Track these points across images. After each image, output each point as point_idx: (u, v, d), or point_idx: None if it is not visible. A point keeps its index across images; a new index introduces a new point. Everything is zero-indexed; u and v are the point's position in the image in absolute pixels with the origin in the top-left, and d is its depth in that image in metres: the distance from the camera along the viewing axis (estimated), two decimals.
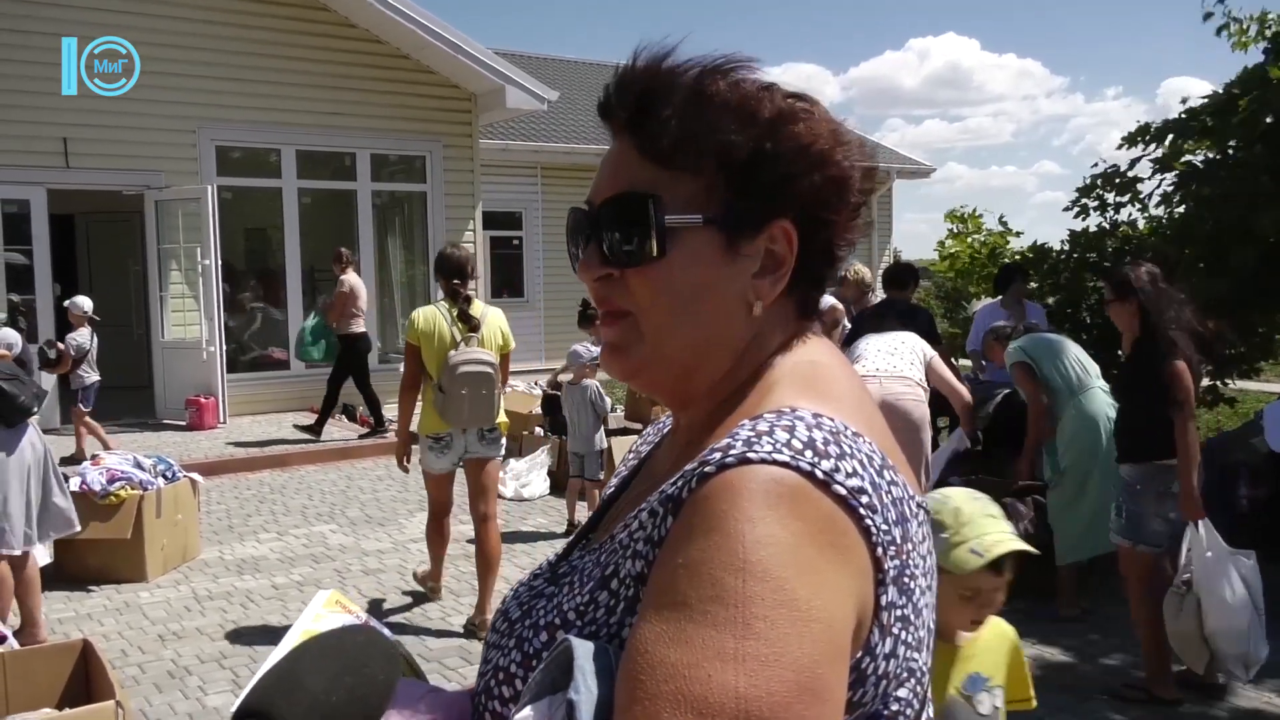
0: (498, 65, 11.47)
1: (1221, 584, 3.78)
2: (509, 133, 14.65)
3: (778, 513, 0.69)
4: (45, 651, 3.52)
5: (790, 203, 0.85)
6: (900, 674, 0.76)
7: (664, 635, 0.66)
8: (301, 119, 10.89)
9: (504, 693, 0.82)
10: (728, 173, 0.84)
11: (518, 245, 15.63)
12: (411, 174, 11.99)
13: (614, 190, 0.86)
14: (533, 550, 6.27)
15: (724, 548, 0.67)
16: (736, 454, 0.72)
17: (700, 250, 0.84)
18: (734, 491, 0.70)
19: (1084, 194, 7.88)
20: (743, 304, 0.86)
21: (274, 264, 11.73)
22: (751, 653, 0.63)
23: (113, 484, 5.61)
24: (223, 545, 6.38)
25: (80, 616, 5.13)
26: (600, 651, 0.72)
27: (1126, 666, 4.44)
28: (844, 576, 0.70)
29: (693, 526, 0.70)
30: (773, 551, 0.67)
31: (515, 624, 0.87)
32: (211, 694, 4.20)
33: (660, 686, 0.63)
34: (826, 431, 0.75)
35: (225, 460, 8.56)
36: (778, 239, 0.85)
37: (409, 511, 7.16)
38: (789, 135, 0.85)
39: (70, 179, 9.79)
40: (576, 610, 0.81)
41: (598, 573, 0.82)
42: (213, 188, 10.04)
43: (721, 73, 0.87)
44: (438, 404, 4.83)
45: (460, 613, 5.15)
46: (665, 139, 0.84)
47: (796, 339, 0.89)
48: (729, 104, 0.85)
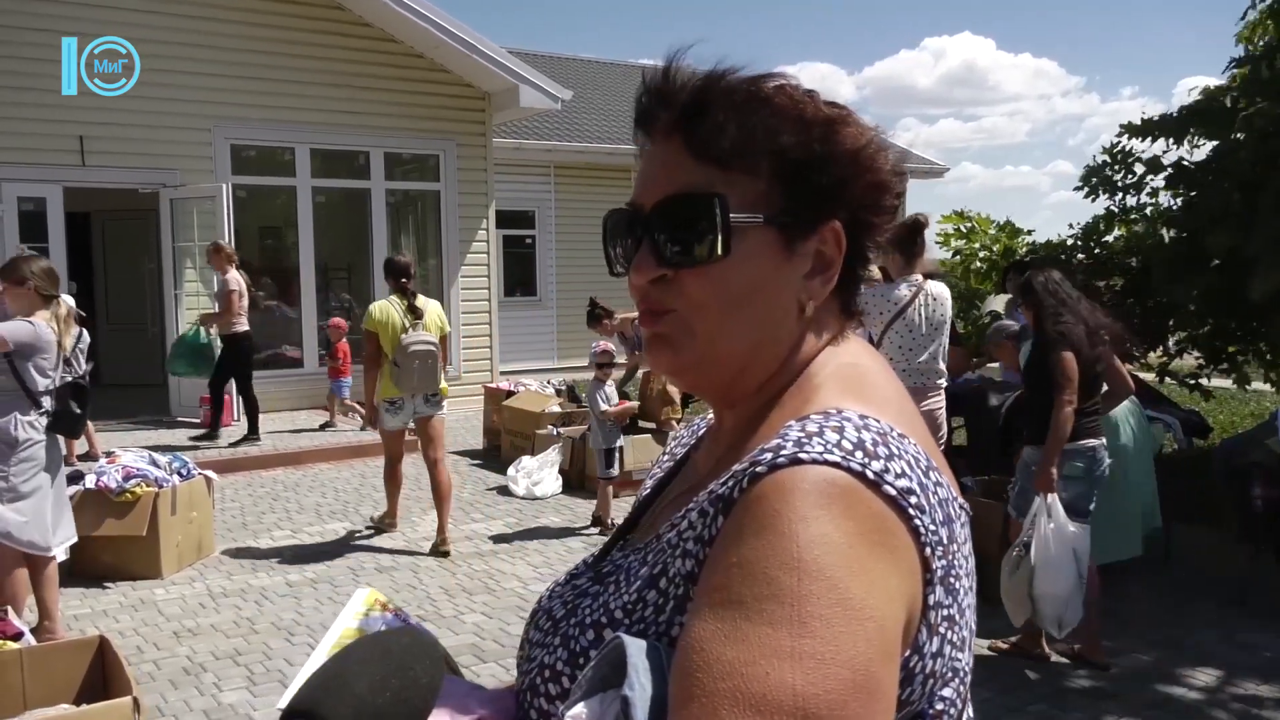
0: (511, 64, 11.49)
1: (1055, 553, 4.17)
2: (522, 132, 14.67)
3: (830, 512, 0.70)
4: (62, 648, 3.55)
5: (841, 205, 0.87)
6: (945, 673, 0.77)
7: (720, 633, 0.66)
8: (316, 118, 10.93)
9: (550, 690, 0.83)
10: (784, 175, 0.85)
11: (531, 244, 15.65)
12: (425, 173, 12.02)
13: (670, 190, 0.86)
14: (545, 549, 6.29)
15: (778, 547, 0.68)
16: (788, 454, 0.73)
17: (759, 250, 0.85)
18: (786, 491, 0.71)
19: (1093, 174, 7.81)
20: (795, 304, 0.87)
21: (288, 262, 11.77)
22: (808, 651, 0.64)
23: (128, 481, 5.65)
24: (237, 542, 6.41)
25: (96, 613, 5.17)
26: (652, 649, 0.73)
27: (1141, 665, 4.44)
28: (894, 576, 0.71)
29: (745, 526, 0.71)
30: (826, 550, 0.68)
31: (560, 622, 0.88)
32: (226, 690, 4.23)
33: (717, 684, 0.64)
34: (874, 433, 0.76)
35: (239, 458, 8.60)
36: (828, 240, 0.87)
37: (421, 510, 7.19)
38: (841, 139, 0.87)
39: (87, 177, 9.85)
40: (624, 609, 0.82)
41: (645, 572, 0.83)
42: (227, 186, 10.09)
43: (766, 78, 0.89)
44: (393, 376, 6.13)
45: (470, 615, 5.17)
46: (724, 140, 0.85)
47: (839, 338, 0.91)
48: (782, 107, 0.86)
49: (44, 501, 4.53)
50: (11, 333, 4.34)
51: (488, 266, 12.24)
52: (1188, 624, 4.96)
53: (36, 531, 4.49)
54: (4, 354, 4.34)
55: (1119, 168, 7.65)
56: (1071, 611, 4.22)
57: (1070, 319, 4.36)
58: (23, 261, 4.55)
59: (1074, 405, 4.27)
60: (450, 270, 11.94)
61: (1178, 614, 5.10)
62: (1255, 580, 5.24)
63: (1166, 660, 4.53)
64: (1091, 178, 7.74)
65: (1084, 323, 4.38)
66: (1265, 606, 5.14)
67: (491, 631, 4.89)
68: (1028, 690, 4.26)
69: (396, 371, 6.09)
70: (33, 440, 4.45)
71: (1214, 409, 10.54)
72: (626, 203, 0.91)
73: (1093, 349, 4.36)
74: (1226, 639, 4.77)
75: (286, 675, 4.38)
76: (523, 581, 5.64)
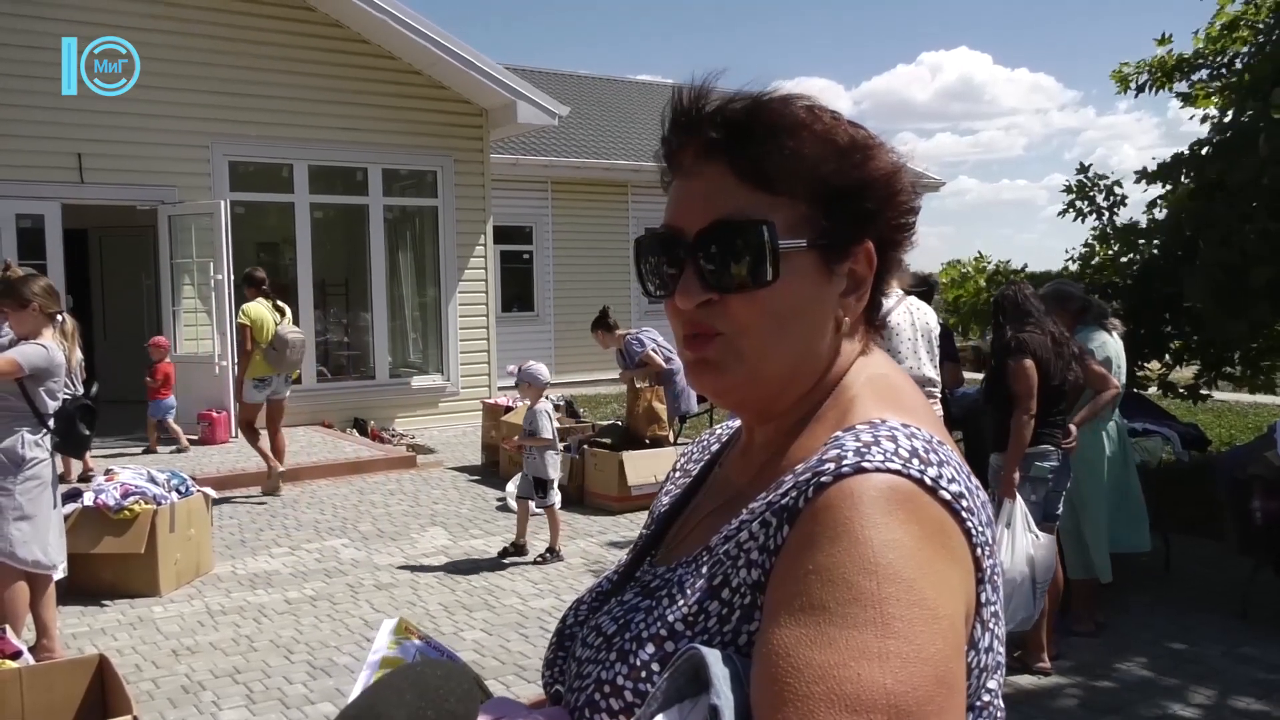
0: (509, 81, 11.53)
1: (1008, 555, 4.19)
2: (519, 148, 14.71)
3: (898, 518, 0.73)
4: (62, 666, 3.53)
5: (873, 227, 0.90)
6: (992, 666, 0.81)
7: (805, 638, 0.69)
8: (314, 134, 10.95)
9: (612, 705, 0.84)
10: (824, 199, 0.88)
11: (528, 260, 15.67)
12: (423, 189, 12.04)
13: (715, 216, 0.88)
14: (544, 566, 6.26)
15: (853, 552, 0.71)
16: (851, 463, 0.76)
17: (802, 273, 0.88)
18: (855, 499, 0.74)
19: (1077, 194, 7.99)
20: (832, 322, 0.91)
21: (286, 279, 11.79)
22: (894, 650, 0.67)
23: (126, 498, 5.63)
24: (235, 560, 6.39)
25: (94, 631, 5.15)
26: (727, 659, 0.74)
27: (1139, 680, 4.43)
28: (956, 575, 0.75)
29: (817, 534, 0.74)
30: (899, 554, 0.71)
31: (613, 638, 0.88)
32: (226, 709, 4.20)
33: (811, 688, 0.66)
34: (922, 441, 0.80)
35: (237, 474, 8.58)
36: (861, 260, 0.90)
37: (421, 526, 7.17)
38: (875, 165, 0.90)
39: (84, 194, 9.86)
40: (684, 621, 0.83)
41: (703, 584, 0.84)
42: (225, 202, 10.09)
43: (798, 100, 0.91)
44: (269, 358, 7.99)
45: (470, 631, 5.16)
46: (771, 165, 0.87)
47: (865, 351, 0.94)
48: (820, 133, 0.89)
49: (48, 520, 4.53)
50: (26, 358, 4.33)
51: (485, 282, 12.25)
52: (1189, 637, 4.95)
53: (40, 549, 4.48)
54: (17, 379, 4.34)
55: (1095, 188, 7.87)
56: (1016, 612, 4.24)
57: (1033, 328, 4.46)
58: (22, 283, 4.53)
59: (1033, 413, 4.35)
60: (448, 286, 11.95)
61: (1179, 627, 5.09)
62: (1256, 593, 5.23)
63: (1168, 674, 4.52)
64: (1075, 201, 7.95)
65: (1048, 333, 4.46)
66: (1266, 619, 5.13)
67: (491, 648, 4.87)
68: (1030, 704, 4.25)
69: (273, 354, 7.97)
70: (39, 459, 4.45)
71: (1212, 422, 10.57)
72: (662, 225, 0.92)
73: (1058, 355, 4.43)
74: (1228, 653, 4.76)
75: (286, 694, 4.36)
76: (522, 598, 5.63)
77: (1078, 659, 4.68)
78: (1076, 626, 4.96)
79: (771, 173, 0.87)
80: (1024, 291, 4.65)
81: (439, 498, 8.15)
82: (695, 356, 0.91)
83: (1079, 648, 4.80)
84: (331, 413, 11.22)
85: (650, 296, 0.95)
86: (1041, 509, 4.46)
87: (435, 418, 11.69)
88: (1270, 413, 11.44)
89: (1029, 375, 4.34)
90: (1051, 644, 4.62)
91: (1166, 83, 8.19)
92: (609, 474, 7.75)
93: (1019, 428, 4.35)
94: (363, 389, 11.71)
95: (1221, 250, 6.43)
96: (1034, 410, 4.34)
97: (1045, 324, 4.52)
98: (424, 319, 12.37)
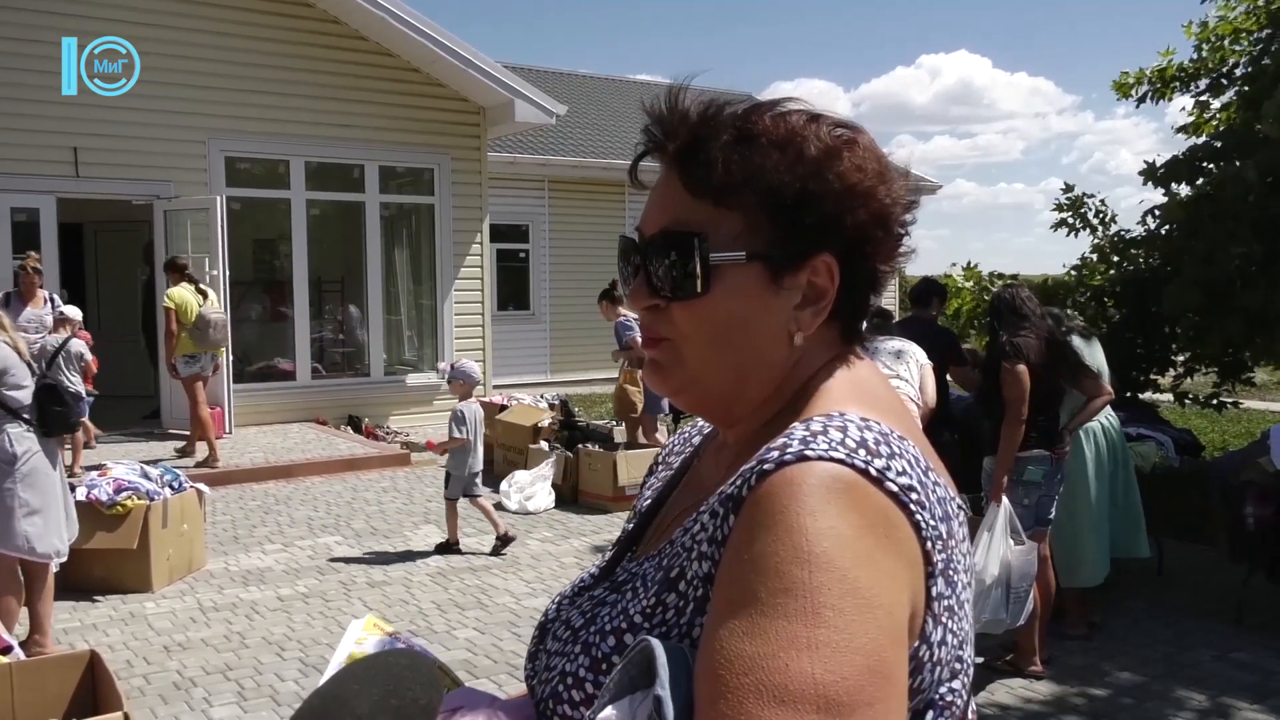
0: (507, 79, 11.51)
1: (984, 558, 4.22)
2: (516, 146, 14.69)
3: (837, 506, 0.73)
4: (53, 662, 3.51)
5: (833, 238, 0.87)
6: (952, 663, 0.80)
7: (738, 629, 0.69)
8: (311, 130, 10.93)
9: (574, 696, 0.85)
10: (773, 210, 0.86)
11: (524, 258, 15.65)
12: (420, 186, 12.02)
13: (661, 224, 0.89)
14: (538, 564, 6.26)
15: (787, 541, 0.71)
16: (794, 451, 0.76)
17: (743, 285, 0.86)
18: (794, 486, 0.74)
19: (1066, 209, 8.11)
20: (784, 334, 0.88)
21: (282, 275, 11.76)
22: (823, 640, 0.67)
23: (119, 494, 5.62)
24: (228, 556, 6.38)
25: (85, 626, 5.13)
26: (677, 651, 0.75)
27: (1133, 685, 4.43)
28: (899, 567, 0.74)
29: (755, 522, 0.74)
30: (835, 543, 0.70)
31: (580, 631, 0.89)
32: (217, 706, 4.19)
33: (740, 679, 0.66)
34: (876, 433, 0.79)
35: (230, 471, 8.56)
36: (820, 272, 0.87)
37: (414, 524, 7.16)
38: (835, 174, 0.86)
39: (80, 188, 9.83)
40: (643, 613, 0.84)
41: (661, 576, 0.85)
42: (221, 198, 10.06)
43: (768, 108, 0.89)
44: (195, 338, 8.61)
45: (462, 630, 5.15)
46: (713, 177, 0.86)
47: (839, 362, 0.91)
48: (775, 141, 0.87)
49: (58, 507, 4.55)
50: None
51: (481, 280, 12.24)
52: (1183, 642, 4.96)
53: (58, 538, 4.54)
54: None
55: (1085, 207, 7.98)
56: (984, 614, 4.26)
57: (1027, 332, 4.45)
58: None
59: (1024, 418, 4.34)
60: (444, 284, 11.93)
61: (1172, 631, 5.09)
62: (1249, 598, 5.23)
63: (1161, 679, 4.52)
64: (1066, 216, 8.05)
65: (1043, 337, 4.46)
66: (1259, 625, 5.14)
67: (484, 647, 4.87)
68: (1022, 708, 4.25)
69: (198, 334, 8.61)
70: (31, 451, 4.44)
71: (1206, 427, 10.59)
72: (634, 228, 0.93)
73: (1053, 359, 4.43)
74: (1221, 658, 4.77)
75: (278, 690, 4.34)
76: (515, 597, 5.62)
77: (1070, 663, 4.68)
78: (1069, 630, 4.97)
79: (715, 184, 0.86)
80: (1020, 294, 4.64)
81: (433, 495, 8.13)
82: (649, 355, 0.93)
83: (1072, 651, 4.80)
84: (326, 410, 11.20)
85: (626, 295, 0.96)
86: (1034, 513, 4.46)
87: (430, 415, 11.66)
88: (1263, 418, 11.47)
89: (1021, 380, 4.33)
90: (1044, 648, 4.62)
91: (1166, 92, 8.24)
92: (603, 473, 7.75)
93: (1010, 433, 4.34)
94: (357, 386, 11.69)
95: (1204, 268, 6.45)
96: (1025, 415, 4.33)
97: (1041, 327, 4.51)
98: (419, 317, 12.34)
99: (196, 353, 8.69)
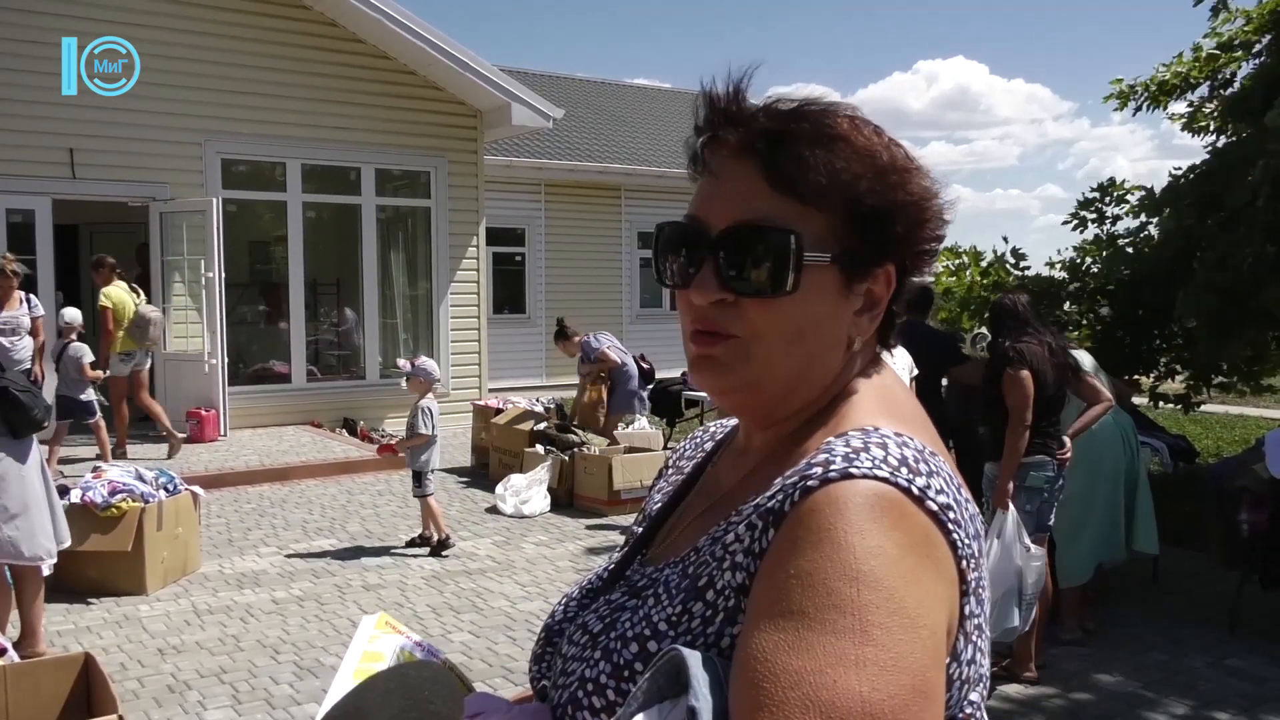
0: (504, 83, 11.52)
1: (994, 565, 4.19)
2: (513, 150, 14.69)
3: (882, 525, 0.73)
4: (47, 665, 3.50)
5: (901, 251, 0.89)
6: (974, 679, 0.80)
7: (783, 644, 0.68)
8: (307, 133, 10.92)
9: (594, 703, 0.84)
10: (856, 218, 0.87)
11: (520, 262, 15.64)
12: (416, 189, 12.02)
13: (742, 217, 0.86)
14: (533, 568, 6.26)
15: (835, 558, 0.71)
16: (838, 469, 0.76)
17: (822, 287, 0.87)
18: (840, 504, 0.74)
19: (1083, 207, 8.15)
20: (844, 338, 0.90)
21: (277, 277, 11.75)
22: (871, 658, 0.67)
23: (114, 496, 5.60)
24: (222, 559, 6.36)
25: (79, 629, 5.12)
26: (708, 661, 0.74)
27: (1126, 691, 4.44)
28: (939, 586, 0.74)
29: (801, 538, 0.74)
30: (882, 562, 0.71)
31: (599, 636, 0.89)
32: (211, 709, 4.18)
33: (786, 693, 0.66)
34: (913, 450, 0.79)
35: (225, 473, 8.55)
36: (880, 281, 0.90)
37: (409, 527, 7.15)
38: (911, 189, 0.89)
39: (76, 189, 9.81)
40: (668, 621, 0.83)
41: (688, 584, 0.84)
42: (218, 200, 10.05)
43: (840, 110, 0.90)
44: (132, 334, 8.85)
45: (457, 634, 5.14)
46: (806, 176, 0.85)
47: (871, 371, 0.93)
48: (858, 150, 0.87)
49: (41, 507, 4.48)
50: None
51: (477, 284, 12.23)
52: (1176, 648, 4.96)
53: (45, 538, 4.48)
54: None
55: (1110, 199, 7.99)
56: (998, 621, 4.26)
57: (1030, 339, 4.45)
58: None
59: (1028, 424, 4.33)
60: (440, 287, 11.93)
61: (1166, 638, 5.10)
62: (1243, 605, 5.24)
63: (1153, 685, 4.53)
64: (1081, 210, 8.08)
65: (1045, 343, 4.46)
66: (1253, 633, 5.15)
67: (479, 650, 4.86)
68: (1016, 714, 4.25)
69: (136, 331, 8.85)
70: None
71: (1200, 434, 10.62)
72: (685, 216, 0.91)
73: (1053, 365, 4.43)
74: (1215, 664, 4.78)
75: (272, 694, 4.34)
76: (510, 601, 5.61)
77: (1065, 669, 4.69)
78: (1063, 634, 4.98)
79: (805, 183, 0.85)
80: (1021, 300, 4.63)
81: None
82: (701, 352, 0.90)
83: (1065, 657, 4.81)
84: (321, 412, 11.19)
85: (663, 284, 0.93)
86: (1035, 519, 4.46)
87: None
88: (1257, 424, 11.49)
89: (1025, 387, 4.32)
90: (1039, 653, 4.62)
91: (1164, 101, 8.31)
92: (598, 477, 7.75)
93: (1014, 439, 4.34)
94: (353, 389, 11.68)
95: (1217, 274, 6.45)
96: (1029, 421, 4.33)
97: (1043, 334, 4.52)
98: (415, 320, 12.33)
99: (133, 349, 8.96)
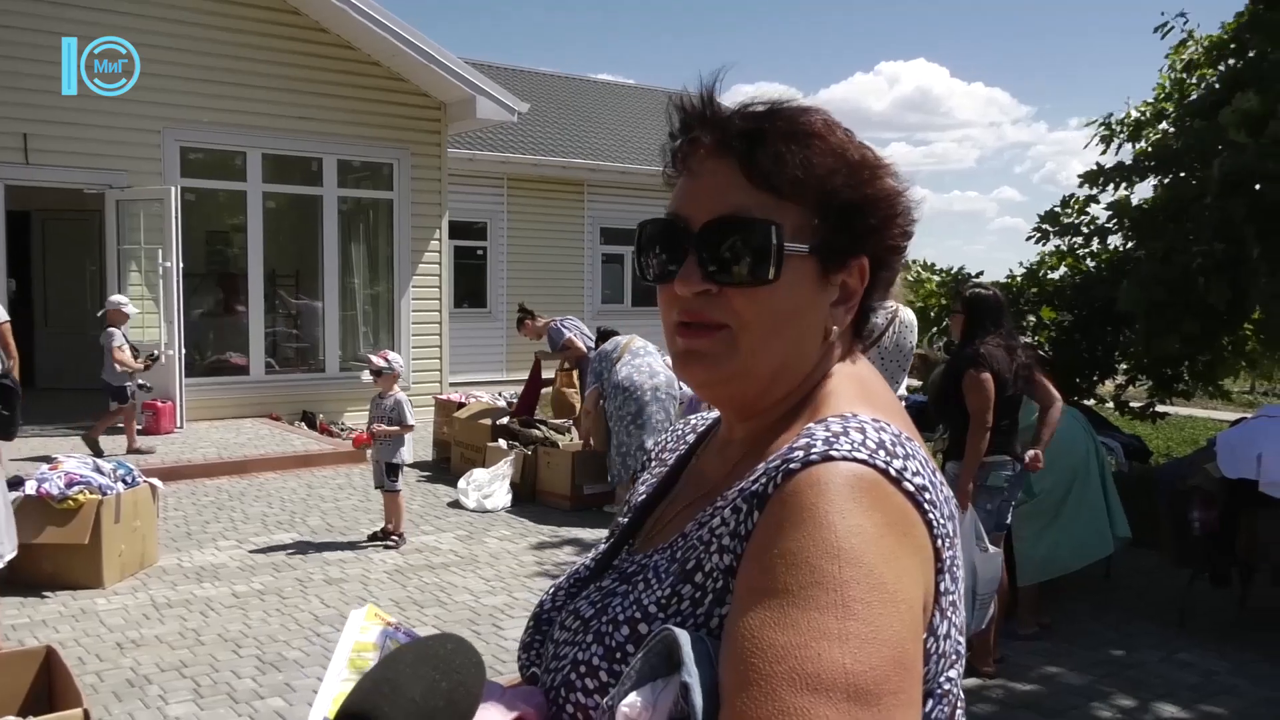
0: (469, 75, 11.46)
1: None
2: (476, 143, 14.62)
3: (861, 505, 0.76)
4: (8, 658, 3.45)
5: (873, 244, 0.93)
6: (951, 655, 0.84)
7: (769, 620, 0.72)
8: (269, 122, 10.79)
9: (587, 684, 0.87)
10: (830, 211, 0.91)
11: (482, 256, 15.57)
12: (378, 181, 11.92)
13: (723, 210, 0.90)
14: (496, 562, 6.25)
15: (817, 537, 0.74)
16: (819, 451, 0.80)
17: (800, 277, 0.90)
18: (821, 485, 0.77)
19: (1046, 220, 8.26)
20: (822, 329, 0.94)
21: (236, 268, 11.60)
22: (853, 632, 0.70)
23: (71, 488, 5.52)
24: (181, 552, 6.29)
25: (34, 623, 5.03)
26: (698, 640, 0.77)
27: (1081, 684, 4.53)
28: (916, 563, 0.78)
29: (784, 519, 0.77)
30: (862, 540, 0.74)
31: (590, 621, 0.92)
32: (172, 703, 4.14)
33: (773, 667, 0.69)
34: (890, 435, 0.83)
35: (183, 466, 8.44)
36: (854, 273, 0.94)
37: (371, 521, 7.10)
38: (881, 185, 0.93)
39: (30, 176, 9.63)
40: (658, 604, 0.86)
41: (676, 568, 0.88)
42: (176, 189, 9.90)
43: (814, 111, 0.94)
44: None
45: (421, 628, 5.13)
46: (783, 171, 0.89)
47: (847, 361, 0.97)
48: (830, 147, 0.92)
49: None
50: None
51: (439, 277, 12.17)
52: (1130, 643, 5.08)
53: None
54: None
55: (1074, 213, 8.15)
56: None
57: (994, 339, 4.48)
58: None
59: (989, 426, 4.37)
60: (401, 280, 11.85)
61: (1119, 634, 5.22)
62: (1192, 602, 5.37)
63: (1105, 679, 4.63)
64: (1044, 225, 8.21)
65: (1004, 345, 4.50)
66: (1202, 628, 5.28)
67: None
68: (972, 710, 4.32)
69: None
70: None
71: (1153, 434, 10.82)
72: (667, 213, 0.94)
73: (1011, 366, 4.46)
74: (1166, 659, 4.89)
75: (234, 688, 4.30)
76: (474, 594, 5.61)
77: (1021, 663, 4.78)
78: (1021, 629, 5.07)
79: (782, 177, 0.89)
80: (999, 296, 4.67)
81: None
82: (686, 346, 0.93)
83: (1023, 651, 4.90)
84: (279, 405, 11.07)
85: (645, 280, 0.97)
86: (994, 518, 4.53)
87: None
88: (1207, 426, 11.75)
89: (986, 389, 4.35)
90: (997, 647, 4.70)
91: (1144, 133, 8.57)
92: (561, 473, 7.75)
93: (975, 441, 4.38)
94: (312, 382, 11.57)
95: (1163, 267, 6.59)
96: (990, 423, 4.37)
97: (1006, 335, 4.56)
98: (376, 313, 12.24)
99: None
